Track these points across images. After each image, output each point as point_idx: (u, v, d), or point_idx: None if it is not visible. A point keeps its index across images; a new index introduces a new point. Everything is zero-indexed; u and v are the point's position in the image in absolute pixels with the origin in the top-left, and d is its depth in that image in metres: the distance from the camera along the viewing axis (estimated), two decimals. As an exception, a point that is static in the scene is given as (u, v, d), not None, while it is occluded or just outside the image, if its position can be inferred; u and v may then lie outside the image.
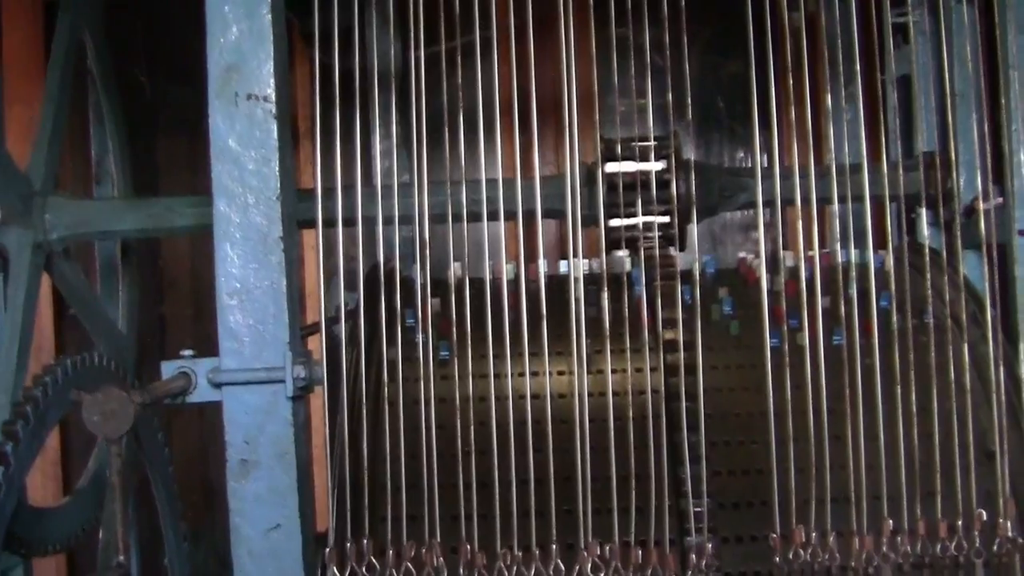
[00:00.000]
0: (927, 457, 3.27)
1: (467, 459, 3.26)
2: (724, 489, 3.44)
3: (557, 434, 3.28)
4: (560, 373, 3.47)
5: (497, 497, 3.23)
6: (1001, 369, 3.37)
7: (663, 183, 3.83)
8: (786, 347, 3.33)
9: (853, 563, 3.23)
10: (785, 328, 3.41)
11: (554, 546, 3.21)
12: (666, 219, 3.81)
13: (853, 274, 3.42)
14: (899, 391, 3.27)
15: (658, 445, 3.29)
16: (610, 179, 3.82)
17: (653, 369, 3.47)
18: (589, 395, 3.31)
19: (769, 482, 3.27)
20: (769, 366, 3.28)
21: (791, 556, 3.23)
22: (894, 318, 3.40)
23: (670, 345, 3.50)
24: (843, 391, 3.29)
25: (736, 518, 3.42)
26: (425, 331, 3.40)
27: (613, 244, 3.89)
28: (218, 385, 3.28)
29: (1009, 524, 3.25)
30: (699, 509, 3.29)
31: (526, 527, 3.23)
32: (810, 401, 3.26)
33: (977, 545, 3.23)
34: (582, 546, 3.22)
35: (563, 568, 3.20)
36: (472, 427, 3.29)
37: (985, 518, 3.24)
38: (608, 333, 3.37)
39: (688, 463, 3.31)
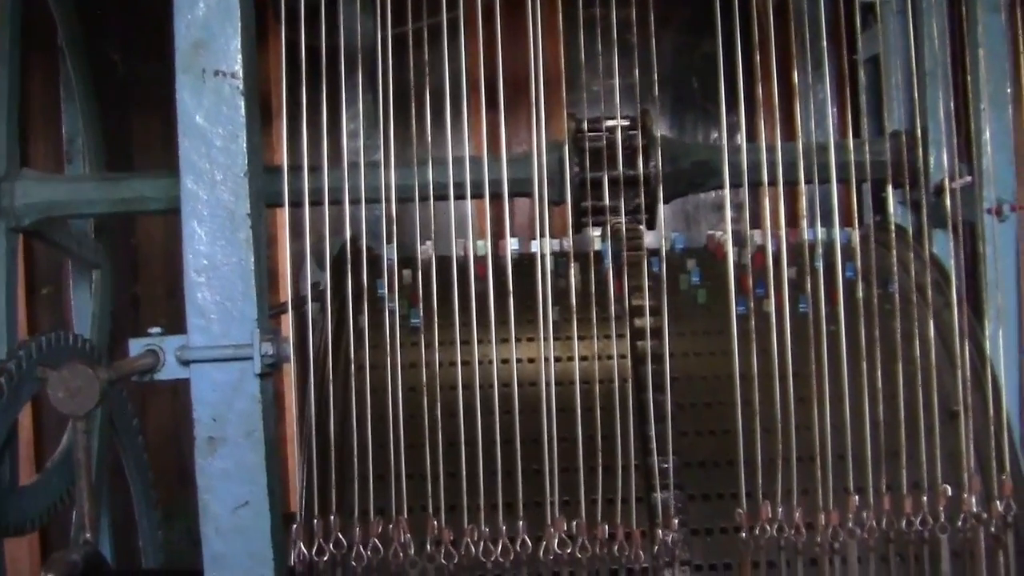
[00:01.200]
0: (891, 417, 3.29)
1: (434, 421, 3.27)
2: (691, 448, 3.48)
3: (524, 397, 3.30)
4: (529, 339, 3.48)
5: (463, 457, 3.26)
6: (967, 341, 3.40)
7: (632, 161, 3.84)
8: (752, 319, 3.34)
9: (819, 539, 3.25)
10: (751, 299, 3.42)
11: (520, 522, 3.24)
12: (635, 197, 3.84)
13: (820, 251, 3.43)
14: (863, 357, 3.30)
15: (624, 406, 3.32)
16: (579, 157, 3.84)
17: (620, 335, 3.50)
18: (556, 360, 3.35)
19: (735, 441, 3.29)
20: (735, 331, 3.31)
21: (757, 532, 3.25)
22: (859, 287, 3.42)
23: (637, 311, 3.52)
24: (808, 355, 3.32)
25: (702, 476, 3.45)
26: (392, 296, 3.41)
27: (582, 222, 3.91)
28: (186, 362, 3.28)
29: (974, 499, 3.28)
30: (665, 466, 3.31)
31: (493, 487, 3.26)
32: (775, 364, 3.28)
33: (942, 520, 3.26)
34: (548, 503, 3.25)
35: (530, 544, 3.22)
36: (439, 390, 3.30)
37: (950, 493, 3.27)
38: (575, 301, 3.40)
39: (654, 422, 3.34)
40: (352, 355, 3.42)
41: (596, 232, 3.99)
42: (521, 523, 3.23)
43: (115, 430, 4.75)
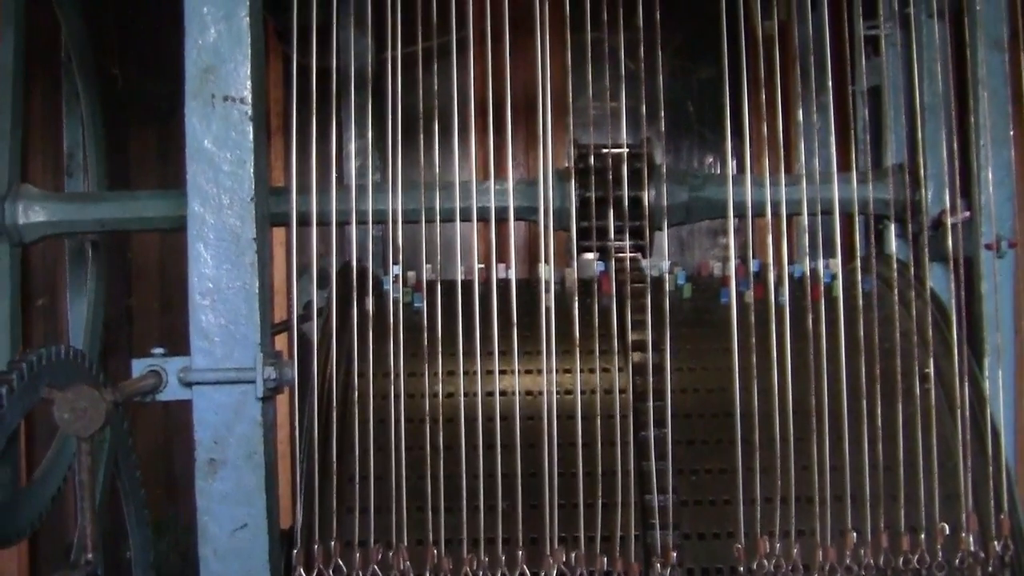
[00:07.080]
0: (890, 458, 3.31)
1: (435, 453, 3.28)
2: (689, 486, 3.49)
3: (525, 430, 3.30)
4: (528, 372, 3.49)
5: (464, 491, 3.26)
6: (966, 382, 3.41)
7: (634, 189, 3.87)
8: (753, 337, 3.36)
9: (816, 575, 3.26)
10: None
11: (519, 544, 3.24)
12: (637, 228, 3.87)
13: (820, 277, 3.45)
14: (863, 396, 3.32)
15: (624, 441, 3.33)
16: (583, 186, 3.85)
17: (620, 369, 3.51)
18: (556, 393, 3.34)
19: (733, 480, 3.30)
20: (736, 366, 3.32)
21: (755, 566, 3.26)
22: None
23: (638, 345, 3.54)
24: (808, 393, 3.34)
25: (700, 514, 3.46)
26: (397, 336, 3.41)
27: (583, 249, 3.93)
28: (188, 384, 3.28)
29: (971, 538, 3.29)
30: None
31: (492, 521, 3.27)
32: (776, 402, 3.30)
33: (939, 559, 3.27)
34: (547, 538, 3.25)
35: (528, 573, 3.22)
36: (441, 422, 3.32)
37: (947, 532, 3.28)
38: (577, 334, 3.40)
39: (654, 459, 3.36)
40: (352, 378, 3.42)
41: (594, 256, 4.00)
42: (520, 553, 3.23)
43: (111, 448, 4.74)
